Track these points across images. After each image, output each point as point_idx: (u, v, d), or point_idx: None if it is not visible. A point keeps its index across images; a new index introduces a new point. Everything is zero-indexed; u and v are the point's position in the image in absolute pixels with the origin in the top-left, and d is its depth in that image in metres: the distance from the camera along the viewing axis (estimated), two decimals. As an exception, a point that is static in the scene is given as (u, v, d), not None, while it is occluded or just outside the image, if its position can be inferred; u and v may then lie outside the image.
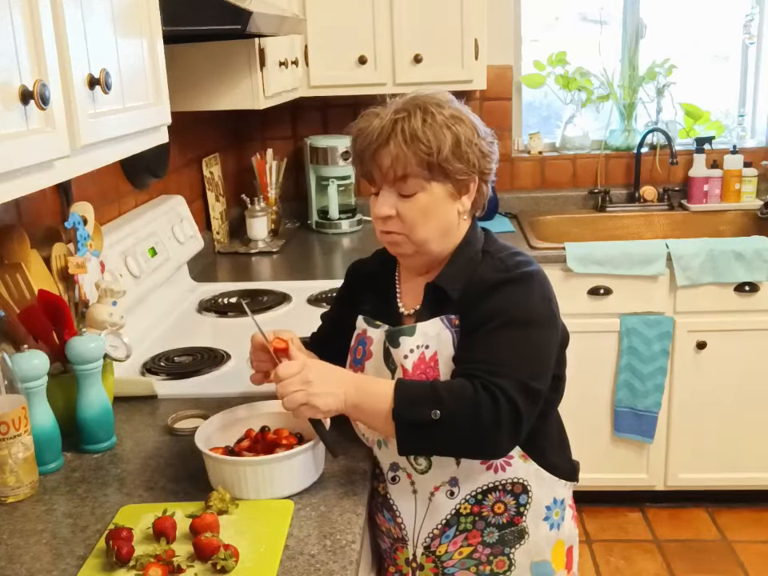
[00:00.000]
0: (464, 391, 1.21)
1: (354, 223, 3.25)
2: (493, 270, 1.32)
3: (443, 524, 1.37)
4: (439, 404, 1.20)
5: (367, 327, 1.41)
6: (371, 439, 1.40)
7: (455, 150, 1.27)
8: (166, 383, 1.74)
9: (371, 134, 1.29)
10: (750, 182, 3.27)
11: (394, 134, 1.27)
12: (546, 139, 3.47)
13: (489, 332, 1.26)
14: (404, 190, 1.29)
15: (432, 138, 1.26)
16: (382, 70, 2.91)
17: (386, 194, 1.31)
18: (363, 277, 1.49)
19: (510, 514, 1.36)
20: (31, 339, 1.44)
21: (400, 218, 1.30)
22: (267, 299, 2.30)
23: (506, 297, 1.28)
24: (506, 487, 1.35)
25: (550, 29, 3.45)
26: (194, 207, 2.75)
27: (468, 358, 1.26)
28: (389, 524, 1.44)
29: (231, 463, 1.25)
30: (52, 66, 1.05)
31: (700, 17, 3.39)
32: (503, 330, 1.26)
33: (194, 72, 2.26)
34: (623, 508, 3.01)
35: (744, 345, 2.79)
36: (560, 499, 1.41)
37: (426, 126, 1.26)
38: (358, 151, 1.32)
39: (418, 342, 1.32)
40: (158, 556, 1.10)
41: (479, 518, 1.36)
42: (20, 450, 1.29)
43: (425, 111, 1.28)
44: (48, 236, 1.60)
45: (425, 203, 1.29)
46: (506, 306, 1.27)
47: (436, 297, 1.34)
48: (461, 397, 1.20)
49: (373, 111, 1.33)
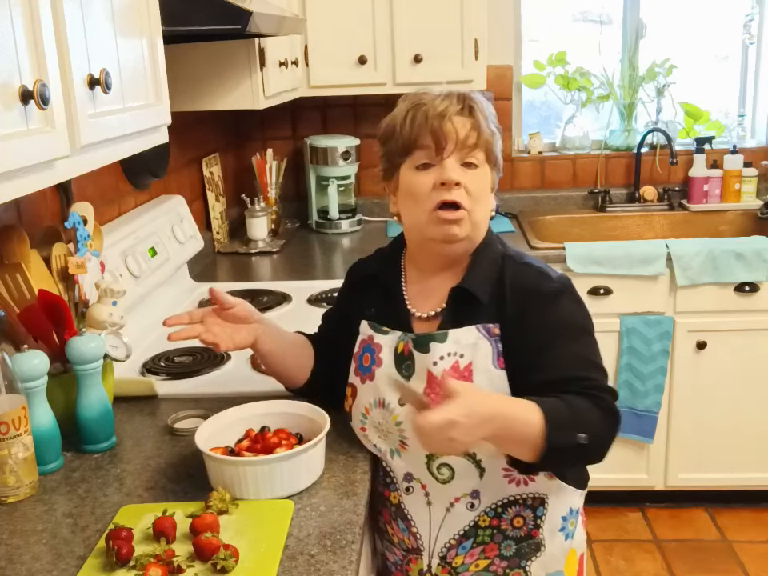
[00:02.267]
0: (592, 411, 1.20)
1: (354, 223, 3.25)
2: (535, 278, 1.29)
3: (460, 535, 1.34)
4: (582, 426, 1.17)
5: (374, 333, 1.37)
6: (383, 449, 1.37)
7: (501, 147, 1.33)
8: (165, 383, 1.74)
9: (445, 103, 1.27)
10: (749, 182, 3.27)
11: (472, 106, 1.28)
12: (546, 139, 3.47)
13: (570, 343, 1.25)
14: (472, 158, 1.27)
15: (495, 126, 1.31)
16: (382, 70, 2.91)
17: (451, 161, 1.26)
18: (366, 278, 1.44)
19: (528, 527, 1.34)
20: (31, 339, 1.44)
21: (465, 188, 1.26)
22: (267, 299, 2.30)
23: (568, 307, 1.28)
24: (526, 501, 1.33)
25: (550, 29, 3.45)
26: (194, 207, 2.75)
27: (569, 377, 1.23)
28: (402, 534, 1.40)
29: (231, 463, 1.25)
30: (52, 66, 1.05)
31: (700, 17, 3.39)
32: (580, 340, 1.27)
33: (194, 72, 2.26)
34: (623, 508, 3.01)
35: (744, 345, 2.79)
36: (576, 509, 1.40)
37: (491, 112, 1.31)
38: (433, 114, 1.25)
39: (450, 350, 1.28)
40: (158, 556, 1.10)
41: (497, 531, 1.34)
42: (20, 450, 1.29)
43: (485, 100, 1.31)
44: (48, 236, 1.60)
45: (485, 179, 1.30)
46: (572, 317, 1.28)
47: (462, 301, 1.30)
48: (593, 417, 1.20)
49: (422, 90, 1.32)
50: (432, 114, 1.26)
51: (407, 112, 1.28)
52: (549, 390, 1.21)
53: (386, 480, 1.40)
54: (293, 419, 1.38)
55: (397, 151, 1.30)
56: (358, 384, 1.38)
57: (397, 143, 1.30)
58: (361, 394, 1.37)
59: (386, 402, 1.32)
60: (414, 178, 1.28)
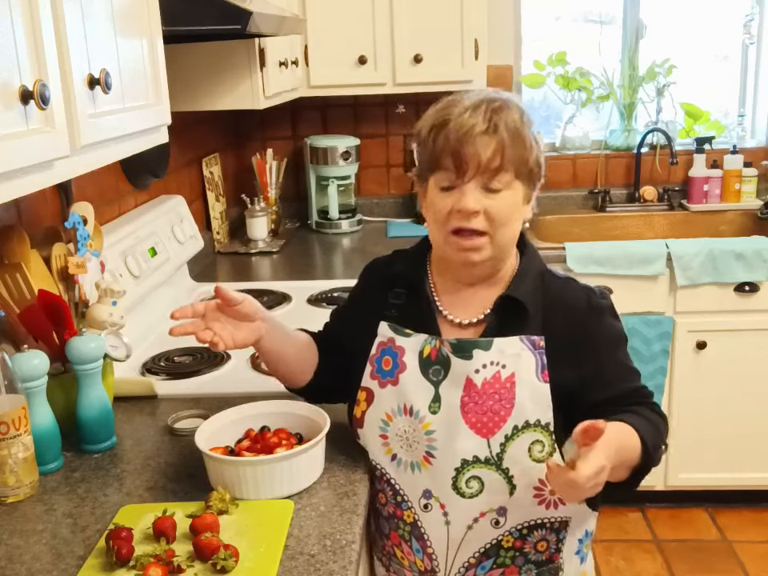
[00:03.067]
0: (658, 420, 1.28)
1: (354, 223, 3.25)
2: (583, 293, 1.31)
3: (481, 553, 1.29)
4: (661, 436, 1.26)
5: (395, 336, 1.31)
6: (405, 460, 1.29)
7: (539, 154, 1.25)
8: (165, 383, 1.74)
9: (471, 121, 1.19)
10: (749, 182, 3.27)
11: (498, 123, 1.19)
12: (546, 139, 3.47)
13: (620, 356, 1.31)
14: (495, 184, 1.20)
15: (528, 136, 1.22)
16: (382, 70, 2.91)
17: (472, 188, 1.20)
18: (386, 278, 1.37)
19: (551, 551, 1.31)
20: (31, 339, 1.44)
21: (486, 214, 1.20)
22: (267, 299, 2.30)
23: (614, 321, 1.32)
24: (553, 525, 1.29)
25: (550, 29, 3.45)
26: (194, 207, 2.75)
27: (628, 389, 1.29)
28: (415, 555, 1.33)
29: (231, 463, 1.25)
30: (52, 66, 1.05)
31: (700, 17, 3.39)
32: (626, 352, 1.32)
33: (194, 72, 2.26)
34: (623, 508, 3.01)
35: (744, 345, 2.79)
36: (591, 531, 1.38)
37: (523, 122, 1.22)
38: (454, 137, 1.19)
39: (493, 359, 1.24)
40: (158, 556, 1.10)
41: (520, 553, 1.29)
42: (20, 450, 1.29)
43: (517, 107, 1.24)
44: (48, 236, 1.60)
45: (510, 201, 1.22)
46: (619, 330, 1.33)
47: (509, 310, 1.27)
48: (662, 427, 1.28)
49: (454, 99, 1.24)
50: (453, 136, 1.19)
51: (431, 129, 1.23)
52: (611, 404, 1.24)
53: (396, 499, 1.32)
54: (293, 419, 1.37)
55: (424, 164, 1.26)
56: (375, 388, 1.31)
57: (423, 157, 1.26)
58: (380, 399, 1.30)
59: (414, 410, 1.27)
60: (437, 199, 1.24)
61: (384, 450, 1.32)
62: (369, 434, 1.33)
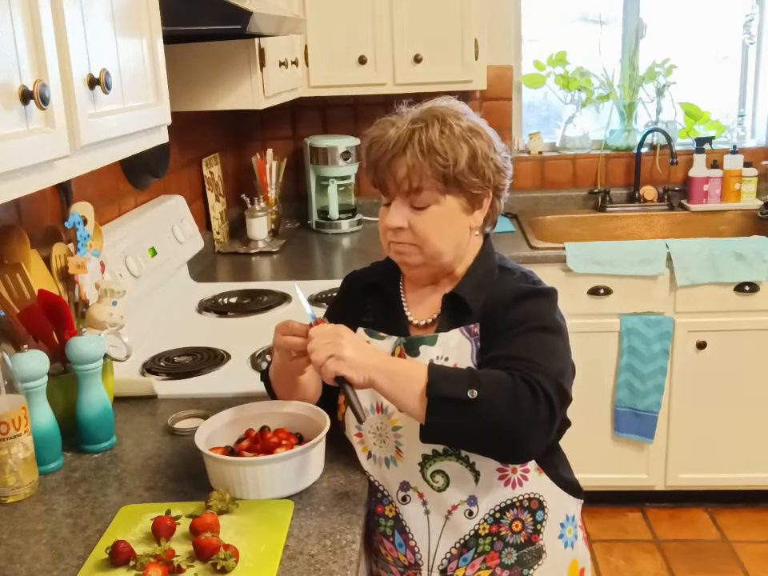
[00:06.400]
0: (503, 379, 1.18)
1: (354, 223, 3.25)
2: (519, 281, 1.32)
3: (461, 545, 1.32)
4: (477, 385, 1.15)
5: (371, 339, 1.37)
6: (379, 456, 1.34)
7: (471, 163, 1.26)
8: (165, 383, 1.74)
9: (387, 143, 1.27)
10: (749, 182, 3.27)
11: (410, 144, 1.25)
12: (546, 139, 3.47)
13: (522, 333, 1.25)
14: (417, 202, 1.27)
15: (449, 150, 1.24)
16: (382, 70, 2.91)
17: (398, 205, 1.29)
18: (363, 288, 1.44)
19: (528, 532, 1.33)
20: (31, 339, 1.44)
21: (412, 230, 1.28)
22: (267, 299, 2.30)
23: (535, 306, 1.29)
24: (522, 503, 1.32)
25: (550, 29, 3.45)
26: (194, 207, 2.75)
27: (504, 356, 1.23)
28: (398, 551, 1.36)
29: (231, 463, 1.25)
30: (52, 66, 1.05)
31: (700, 17, 3.39)
32: (535, 334, 1.26)
33: (194, 72, 2.26)
34: (623, 508, 3.01)
35: (744, 345, 2.79)
36: (571, 516, 1.40)
37: (444, 137, 1.25)
38: (373, 160, 1.30)
39: (438, 353, 1.30)
40: (158, 556, 1.10)
41: (497, 537, 1.32)
42: (20, 450, 1.29)
43: (443, 122, 1.26)
44: (48, 236, 1.60)
45: (438, 216, 1.28)
46: (536, 313, 1.28)
47: (455, 308, 1.33)
48: (500, 383, 1.17)
49: (388, 120, 1.31)
50: (373, 158, 1.29)
51: (365, 149, 1.33)
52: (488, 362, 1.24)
53: (376, 496, 1.36)
54: (293, 419, 1.38)
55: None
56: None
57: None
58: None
59: (383, 406, 1.32)
60: (381, 213, 1.34)
61: (360, 447, 1.37)
62: (349, 433, 1.38)
